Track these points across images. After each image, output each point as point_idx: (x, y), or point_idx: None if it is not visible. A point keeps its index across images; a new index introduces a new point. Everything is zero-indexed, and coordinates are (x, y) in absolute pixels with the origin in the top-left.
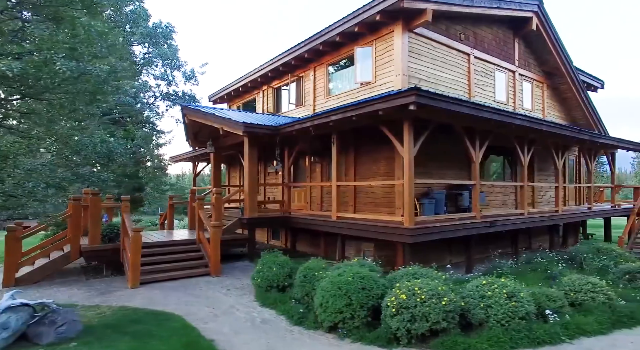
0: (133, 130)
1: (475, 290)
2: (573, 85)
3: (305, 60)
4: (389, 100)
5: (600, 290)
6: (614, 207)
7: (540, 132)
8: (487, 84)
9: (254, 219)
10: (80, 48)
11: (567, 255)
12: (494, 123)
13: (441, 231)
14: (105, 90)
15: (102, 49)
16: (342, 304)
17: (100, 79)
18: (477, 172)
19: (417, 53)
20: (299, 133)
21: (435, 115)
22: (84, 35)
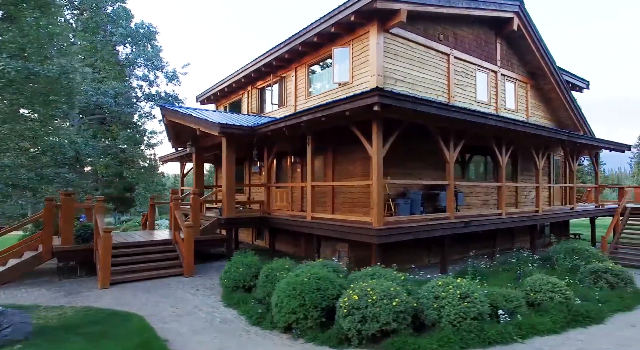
0: (117, 131)
1: (430, 291)
2: (556, 85)
3: (286, 61)
4: (354, 101)
5: (558, 290)
6: (598, 207)
7: (516, 133)
8: (467, 84)
9: (231, 219)
10: (30, 48)
11: (544, 256)
12: (467, 124)
13: (412, 232)
14: (59, 91)
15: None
16: (295, 305)
17: (50, 80)
18: (451, 173)
19: (394, 53)
20: (274, 134)
21: (404, 115)
22: (33, 35)
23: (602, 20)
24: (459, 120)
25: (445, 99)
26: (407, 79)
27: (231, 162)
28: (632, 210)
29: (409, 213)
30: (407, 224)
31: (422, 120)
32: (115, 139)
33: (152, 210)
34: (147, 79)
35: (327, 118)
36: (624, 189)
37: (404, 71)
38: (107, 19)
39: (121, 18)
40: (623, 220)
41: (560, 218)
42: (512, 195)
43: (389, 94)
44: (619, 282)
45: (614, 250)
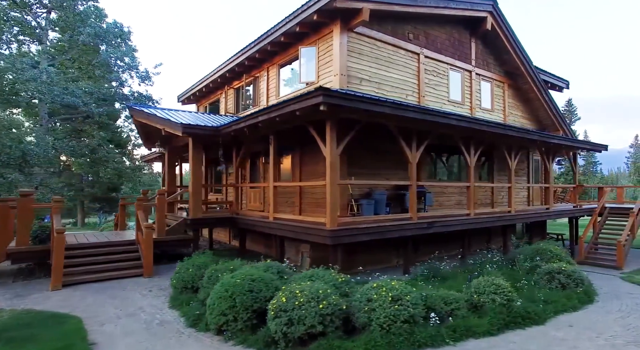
0: (91, 131)
1: (364, 294)
2: (534, 85)
3: (258, 61)
4: (301, 100)
5: (501, 292)
6: (576, 207)
7: (484, 133)
8: (439, 83)
9: (198, 219)
10: None
11: (512, 257)
12: (428, 123)
13: (369, 233)
14: None
15: None
16: (226, 306)
17: None
18: (413, 173)
19: (359, 53)
20: (238, 134)
21: (358, 115)
22: None
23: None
24: (420, 120)
25: (415, 98)
26: (374, 78)
27: (198, 162)
28: (611, 210)
29: (372, 213)
30: (363, 225)
31: (379, 120)
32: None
33: (123, 211)
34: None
35: (281, 118)
36: (603, 188)
37: (370, 71)
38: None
39: (90, 16)
40: (602, 221)
41: (535, 218)
42: (488, 195)
43: (335, 93)
44: (570, 283)
45: (591, 251)
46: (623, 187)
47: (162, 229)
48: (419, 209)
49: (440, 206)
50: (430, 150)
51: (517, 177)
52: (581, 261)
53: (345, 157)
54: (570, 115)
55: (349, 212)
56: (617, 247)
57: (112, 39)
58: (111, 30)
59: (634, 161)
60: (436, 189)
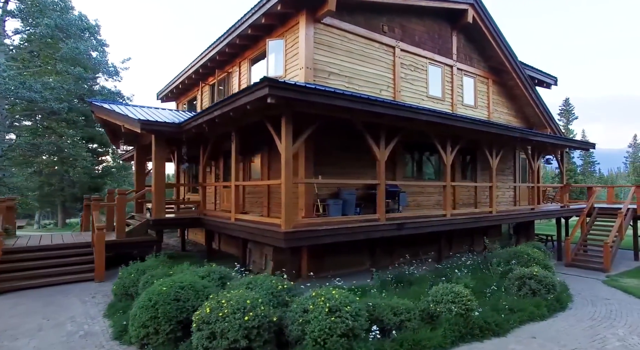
0: (56, 129)
1: (300, 304)
2: (519, 81)
3: (229, 55)
4: (249, 93)
5: (460, 301)
6: (564, 207)
7: (459, 129)
8: (417, 78)
9: (161, 220)
10: None
11: (488, 260)
12: (396, 118)
13: (332, 235)
14: None
15: None
16: (147, 317)
17: None
18: (381, 171)
19: (328, 45)
20: (199, 130)
21: (317, 109)
22: None
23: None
24: (386, 114)
25: (390, 93)
26: (344, 72)
27: (161, 160)
28: (600, 210)
29: (340, 214)
30: (323, 227)
31: (342, 115)
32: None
33: (87, 211)
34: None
35: (235, 112)
36: (592, 188)
37: (340, 64)
38: (35, 8)
39: (48, 7)
40: (590, 221)
41: (519, 219)
42: (472, 195)
43: (283, 85)
44: (541, 289)
45: (578, 252)
46: (613, 187)
47: (121, 230)
48: (393, 209)
49: (419, 206)
50: (408, 148)
51: (503, 176)
52: (568, 263)
53: (312, 155)
54: (568, 114)
55: (314, 212)
56: (604, 249)
57: (76, 32)
58: (75, 23)
59: (633, 161)
60: (414, 188)
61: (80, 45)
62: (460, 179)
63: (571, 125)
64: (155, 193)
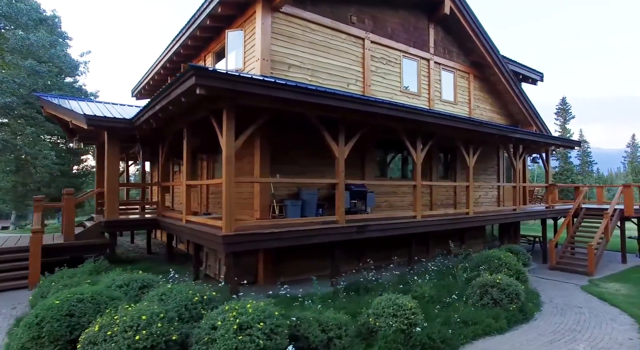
0: (11, 125)
1: (210, 319)
2: (502, 76)
3: (194, 49)
4: (178, 85)
5: (402, 314)
6: (549, 208)
7: (429, 124)
8: (390, 72)
9: (114, 221)
10: None
11: (454, 266)
12: (353, 112)
13: (278, 238)
14: None
15: None
16: (27, 338)
17: None
18: (340, 169)
19: (288, 36)
20: (149, 126)
21: (264, 102)
22: None
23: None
24: (342, 108)
25: (359, 87)
26: (306, 64)
27: (114, 158)
28: (588, 211)
29: (299, 216)
30: (269, 230)
31: (294, 109)
32: (17, 135)
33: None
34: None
35: (175, 106)
36: (579, 188)
37: (302, 56)
38: None
39: None
40: (576, 223)
41: (499, 220)
42: (450, 196)
43: (213, 74)
44: (504, 299)
45: (563, 255)
46: (603, 187)
47: (70, 232)
48: (360, 210)
49: (391, 207)
50: (380, 145)
51: (485, 175)
52: (552, 266)
53: (268, 153)
54: (565, 113)
55: (270, 214)
56: (588, 251)
57: (27, 22)
58: (26, 13)
59: (631, 161)
60: (386, 188)
61: (32, 36)
62: (438, 179)
63: (568, 125)
64: (108, 193)
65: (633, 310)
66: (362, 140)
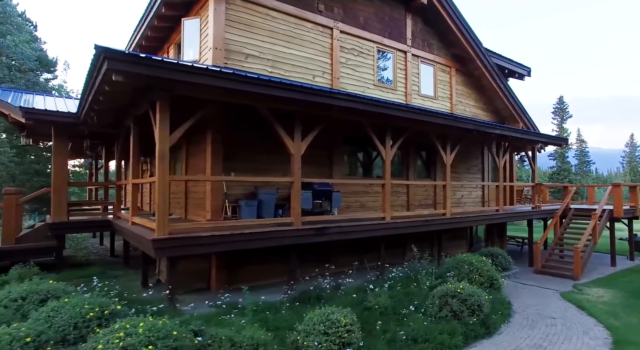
0: None
1: (94, 341)
2: (485, 69)
3: (157, 40)
4: (96, 72)
5: (335, 332)
6: (535, 208)
7: (397, 118)
8: (361, 64)
9: (61, 223)
10: None
11: (440, 271)
12: (314, 105)
13: (223, 242)
14: None
15: None
16: None
17: None
18: (296, 167)
19: (245, 24)
20: (93, 121)
21: (204, 92)
22: None
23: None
24: (296, 100)
25: (327, 80)
26: (266, 55)
27: (61, 155)
28: (577, 211)
29: (255, 217)
30: (208, 233)
31: (240, 101)
32: None
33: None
34: None
35: (105, 96)
36: (567, 188)
37: (261, 46)
38: None
39: None
40: (564, 224)
41: (480, 222)
42: (430, 195)
43: (131, 58)
44: (464, 311)
45: (549, 258)
46: (594, 187)
47: (10, 235)
48: (325, 211)
49: (363, 208)
50: (350, 142)
51: (468, 174)
52: (538, 270)
53: (221, 149)
54: (562, 112)
55: (223, 215)
56: (574, 254)
57: None
58: None
59: (629, 161)
60: (357, 187)
61: None
62: (415, 178)
63: (565, 124)
64: (54, 193)
65: (609, 321)
66: (330, 137)
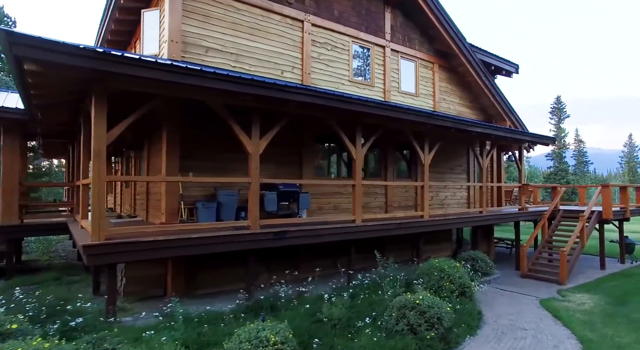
0: None
1: None
2: (469, 66)
3: (123, 34)
4: (14, 63)
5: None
6: (521, 210)
7: (366, 115)
8: (336, 59)
9: (11, 227)
10: None
11: (409, 278)
12: (270, 100)
13: (168, 247)
14: None
15: None
16: None
17: None
18: (253, 166)
19: (205, 15)
20: (42, 116)
21: (139, 85)
22: None
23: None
24: (249, 95)
25: (297, 75)
26: (229, 48)
27: (10, 153)
28: (566, 213)
29: (214, 219)
30: (150, 238)
31: (190, 95)
32: None
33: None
34: None
35: (37, 90)
36: (556, 188)
37: (223, 39)
38: None
39: None
40: (553, 226)
41: (461, 224)
42: (411, 197)
43: (36, 42)
44: (422, 325)
45: (535, 262)
46: (585, 187)
47: None
48: (292, 214)
49: (336, 209)
50: (321, 140)
51: (452, 174)
52: (524, 274)
53: (178, 147)
54: (560, 112)
55: (179, 217)
56: (560, 258)
57: None
58: None
59: (628, 161)
60: (330, 188)
61: None
62: (395, 178)
63: (563, 124)
64: (3, 194)
65: (584, 333)
66: (299, 135)
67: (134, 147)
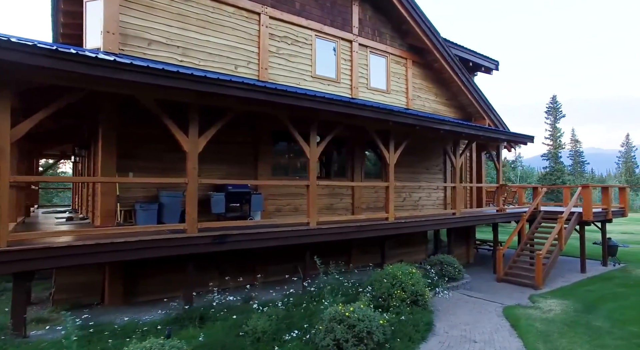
0: None
1: None
2: (444, 61)
3: (75, 27)
4: None
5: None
6: (499, 211)
7: (316, 112)
8: (297, 53)
9: None
10: None
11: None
12: (204, 95)
13: (90, 253)
14: None
15: None
16: None
17: None
18: (190, 166)
19: (147, 5)
20: None
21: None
22: None
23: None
24: (182, 89)
25: (252, 71)
26: (175, 41)
27: None
28: (546, 214)
29: (155, 222)
30: (63, 244)
31: (120, 90)
32: None
33: None
34: None
35: None
36: (537, 189)
37: (168, 31)
38: None
39: None
40: (532, 227)
41: (431, 227)
42: (381, 198)
43: None
44: (350, 340)
45: (513, 265)
46: (570, 187)
47: None
48: (243, 216)
49: (296, 211)
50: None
51: (428, 175)
52: (500, 278)
53: (114, 146)
54: (555, 112)
55: (115, 221)
56: (536, 261)
57: None
58: None
59: (625, 161)
60: (290, 189)
61: None
62: (363, 178)
63: (559, 124)
64: None
65: (536, 345)
66: (254, 132)
67: (86, 146)
